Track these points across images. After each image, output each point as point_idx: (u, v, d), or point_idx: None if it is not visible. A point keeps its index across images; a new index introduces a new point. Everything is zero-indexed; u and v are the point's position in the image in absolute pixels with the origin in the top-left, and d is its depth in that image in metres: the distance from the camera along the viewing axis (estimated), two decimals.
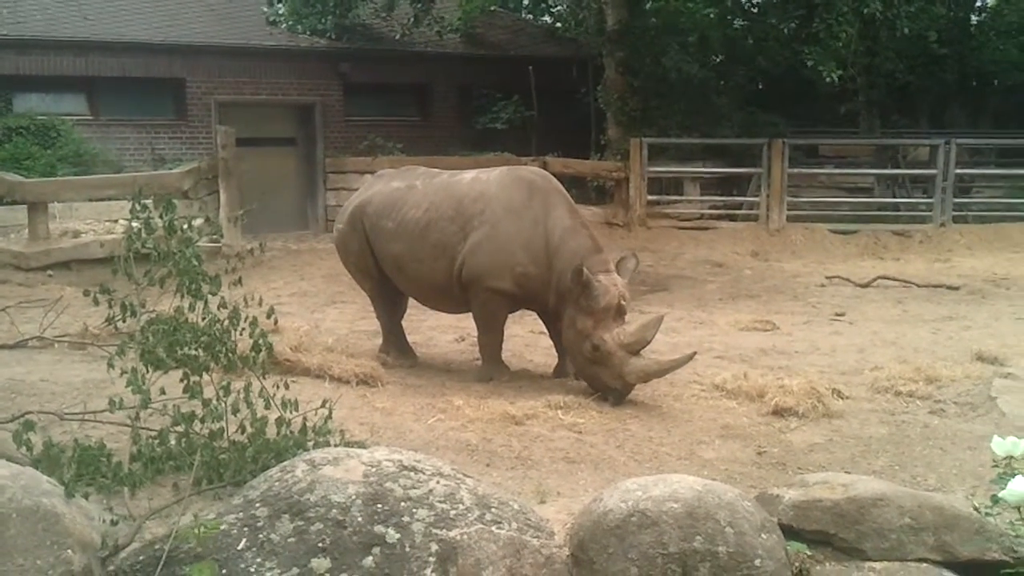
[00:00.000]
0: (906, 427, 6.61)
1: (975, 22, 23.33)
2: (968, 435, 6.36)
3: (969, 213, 17.77)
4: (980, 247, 16.05)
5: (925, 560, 3.81)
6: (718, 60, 21.76)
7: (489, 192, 7.92)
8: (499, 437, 6.22)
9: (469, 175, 8.27)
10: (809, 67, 17.14)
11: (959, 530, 3.84)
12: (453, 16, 20.91)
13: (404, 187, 8.37)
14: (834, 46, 16.71)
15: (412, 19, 20.32)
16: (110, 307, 5.00)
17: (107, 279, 5.14)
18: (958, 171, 17.50)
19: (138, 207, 5.05)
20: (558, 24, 24.95)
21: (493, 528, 3.62)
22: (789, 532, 3.86)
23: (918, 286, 12.88)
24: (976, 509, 3.93)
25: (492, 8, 22.32)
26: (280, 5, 19.84)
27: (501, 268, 7.71)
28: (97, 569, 3.50)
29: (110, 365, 4.78)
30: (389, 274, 8.47)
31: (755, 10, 21.63)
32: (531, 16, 25.84)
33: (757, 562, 3.57)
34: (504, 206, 7.80)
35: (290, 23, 19.66)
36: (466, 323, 9.19)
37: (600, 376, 7.31)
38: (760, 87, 22.82)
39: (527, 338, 9.31)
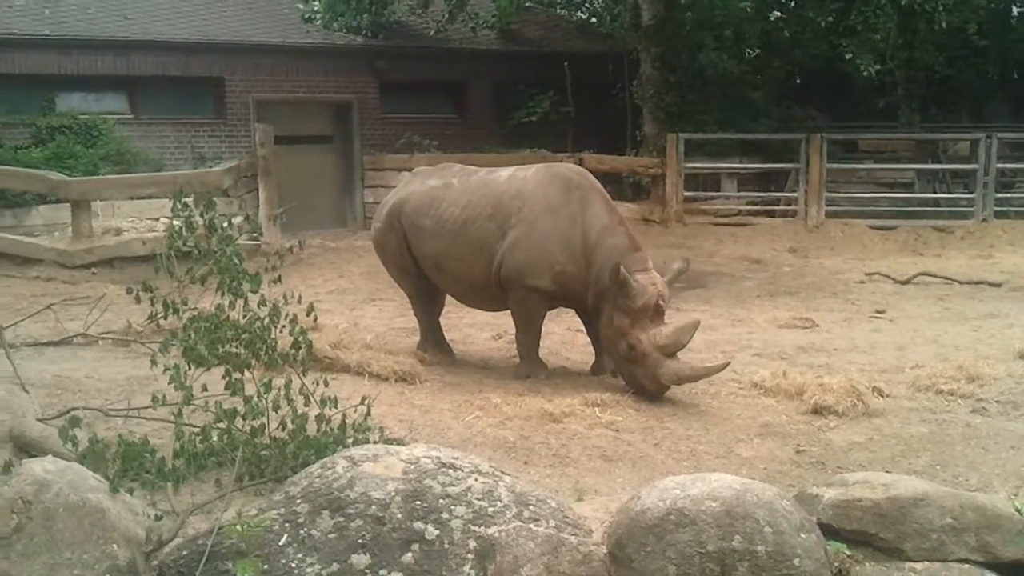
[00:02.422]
0: (947, 426, 6.54)
1: (1016, 13, 22.94)
2: (1011, 434, 6.28)
3: (1011, 208, 17.48)
4: (1022, 243, 15.80)
5: (967, 561, 3.78)
6: (754, 54, 21.59)
7: (527, 190, 7.92)
8: (537, 435, 6.23)
9: (506, 172, 8.27)
10: (847, 60, 16.96)
11: (1001, 531, 3.81)
12: (488, 12, 20.91)
13: (441, 185, 8.39)
14: (872, 39, 16.53)
15: (447, 16, 20.33)
16: (152, 305, 5.08)
17: (149, 277, 5.22)
18: (999, 165, 17.23)
19: (179, 205, 5.12)
20: (593, 19, 24.88)
21: (531, 526, 3.64)
22: (828, 532, 3.85)
23: (959, 283, 12.71)
24: (1018, 511, 3.89)
25: (527, 4, 22.30)
26: (316, 3, 19.93)
27: (539, 266, 7.71)
28: (141, 563, 3.56)
29: (153, 362, 4.86)
30: (427, 272, 8.50)
31: (792, 3, 21.44)
32: (566, 12, 25.78)
33: (796, 561, 3.57)
34: (542, 204, 7.79)
35: (326, 20, 19.77)
36: (503, 321, 9.21)
37: (635, 375, 7.31)
38: (798, 81, 22.61)
39: (564, 336, 9.31)
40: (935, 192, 18.95)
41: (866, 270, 13.92)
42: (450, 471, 3.81)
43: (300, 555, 3.50)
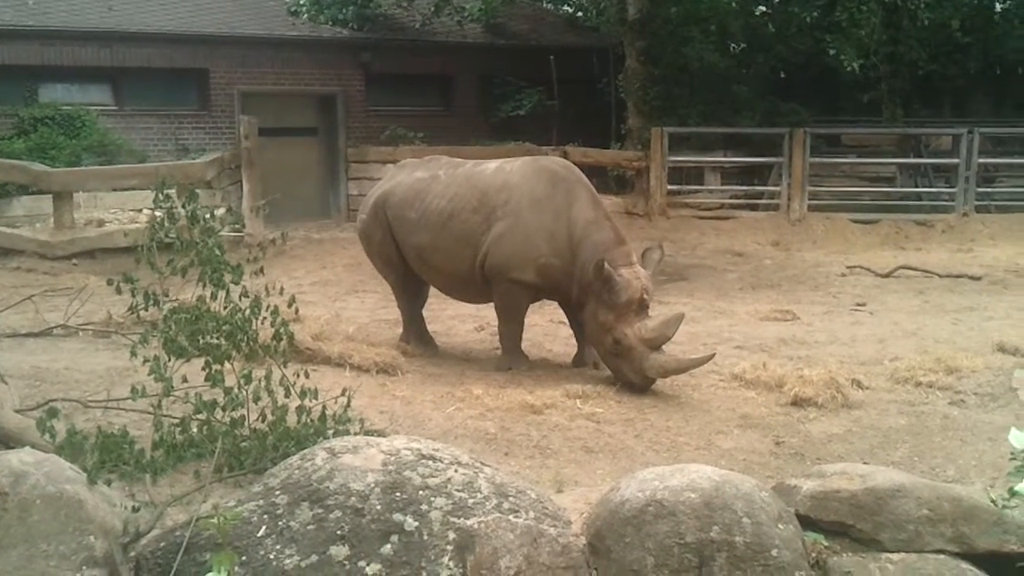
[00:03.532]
0: (925, 418, 6.59)
1: (999, 10, 23.04)
2: (988, 426, 6.33)
3: (992, 203, 17.60)
4: (1003, 237, 15.90)
5: (943, 552, 3.80)
6: (739, 49, 21.64)
7: (512, 182, 7.92)
8: (518, 426, 6.24)
9: (492, 165, 8.27)
10: (831, 56, 17.03)
11: (977, 522, 3.83)
12: (473, 5, 20.89)
13: (427, 177, 8.38)
14: (856, 35, 16.60)
15: (433, 9, 20.32)
16: (133, 296, 5.07)
17: (131, 268, 5.22)
18: (981, 160, 17.32)
19: (161, 197, 5.10)
20: (579, 13, 24.88)
21: (511, 517, 3.64)
22: (806, 523, 3.86)
23: (940, 276, 12.80)
24: (993, 502, 3.91)
25: None
26: None
27: (524, 259, 7.71)
28: (119, 555, 3.55)
29: (133, 353, 4.85)
30: (412, 264, 8.49)
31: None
32: (552, 6, 25.78)
33: (774, 552, 3.58)
34: (528, 197, 7.80)
35: (311, 13, 19.71)
36: (485, 312, 9.22)
37: (621, 369, 7.33)
38: (782, 76, 22.68)
39: (546, 327, 9.33)
40: (917, 186, 19.07)
41: (847, 263, 14.00)
42: (430, 463, 3.81)
43: (279, 547, 3.49)
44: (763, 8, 22.20)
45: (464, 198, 8.03)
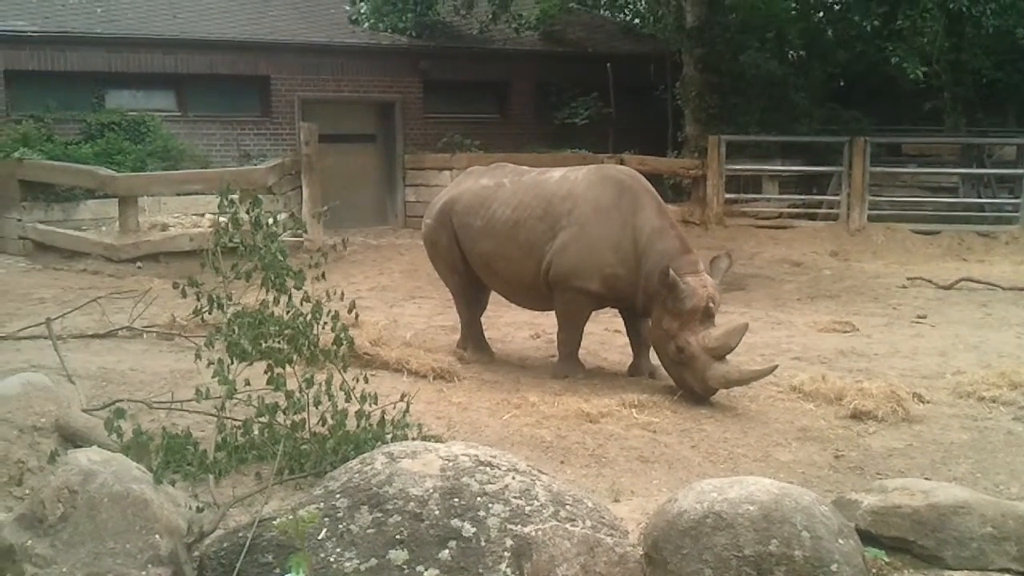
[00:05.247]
0: (989, 433, 6.47)
1: None
2: None
3: None
4: None
5: (1007, 570, 3.74)
6: (798, 56, 21.43)
7: (578, 191, 7.90)
8: (574, 434, 6.24)
9: (557, 173, 8.27)
10: (892, 63, 16.80)
11: None
12: (531, 13, 20.92)
13: (493, 185, 8.41)
14: (918, 43, 16.36)
15: (490, 16, 20.41)
16: (197, 299, 5.15)
17: (195, 272, 5.29)
18: None
19: (225, 202, 5.19)
20: (636, 21, 24.83)
21: (567, 525, 3.65)
22: (867, 538, 3.82)
23: (1003, 289, 12.55)
24: None
25: (570, 5, 22.28)
26: (362, 4, 20.09)
27: (589, 269, 7.70)
28: (183, 554, 3.62)
29: (197, 356, 4.93)
30: (477, 271, 8.52)
31: (837, 6, 21.25)
32: (609, 13, 25.75)
33: (834, 567, 3.54)
34: (593, 206, 7.78)
35: (371, 21, 19.91)
36: (541, 320, 9.23)
37: (683, 377, 7.29)
38: (841, 84, 22.41)
39: (602, 336, 9.31)
40: (980, 197, 18.71)
41: (908, 275, 13.78)
42: (487, 469, 3.83)
43: (339, 549, 3.54)
44: (822, 15, 21.97)
45: (529, 206, 8.04)
